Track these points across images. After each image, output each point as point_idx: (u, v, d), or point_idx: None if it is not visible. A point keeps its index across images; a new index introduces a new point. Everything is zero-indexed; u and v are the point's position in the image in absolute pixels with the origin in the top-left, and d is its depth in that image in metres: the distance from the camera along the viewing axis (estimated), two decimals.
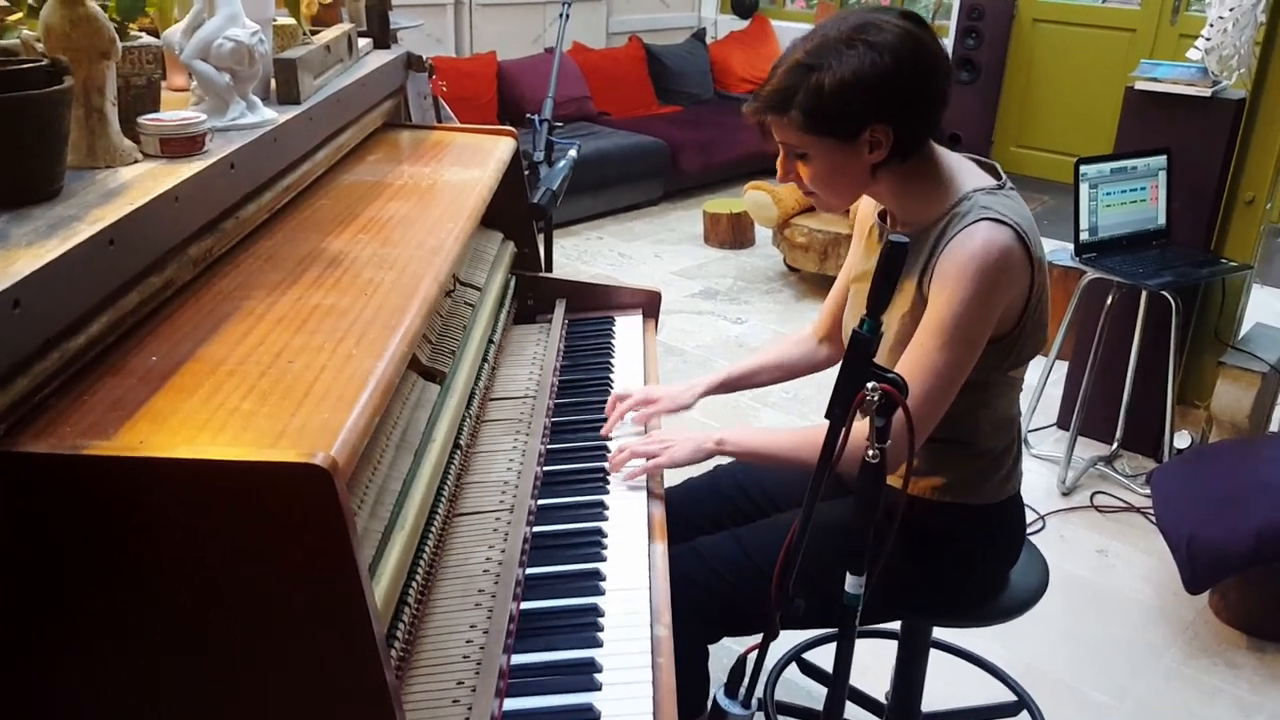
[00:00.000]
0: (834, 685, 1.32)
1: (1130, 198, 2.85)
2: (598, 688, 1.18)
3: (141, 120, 1.26)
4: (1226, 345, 2.90)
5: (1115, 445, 3.12)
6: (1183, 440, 3.02)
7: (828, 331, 1.79)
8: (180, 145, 1.25)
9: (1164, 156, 2.84)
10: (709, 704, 1.44)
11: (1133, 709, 2.18)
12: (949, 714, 1.97)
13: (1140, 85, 2.89)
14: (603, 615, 1.30)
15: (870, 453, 1.15)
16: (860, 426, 1.23)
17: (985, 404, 1.48)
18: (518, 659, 1.23)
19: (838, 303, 1.74)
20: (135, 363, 1.04)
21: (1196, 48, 2.72)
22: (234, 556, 0.89)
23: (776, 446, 1.52)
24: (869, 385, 1.13)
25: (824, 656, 2.12)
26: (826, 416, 1.20)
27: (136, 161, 1.22)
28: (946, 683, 1.79)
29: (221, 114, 1.38)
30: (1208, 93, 2.78)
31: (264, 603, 0.91)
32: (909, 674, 1.80)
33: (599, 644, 1.25)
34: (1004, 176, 1.48)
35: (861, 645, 1.52)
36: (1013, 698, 1.99)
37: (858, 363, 1.15)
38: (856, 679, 2.09)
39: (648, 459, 1.55)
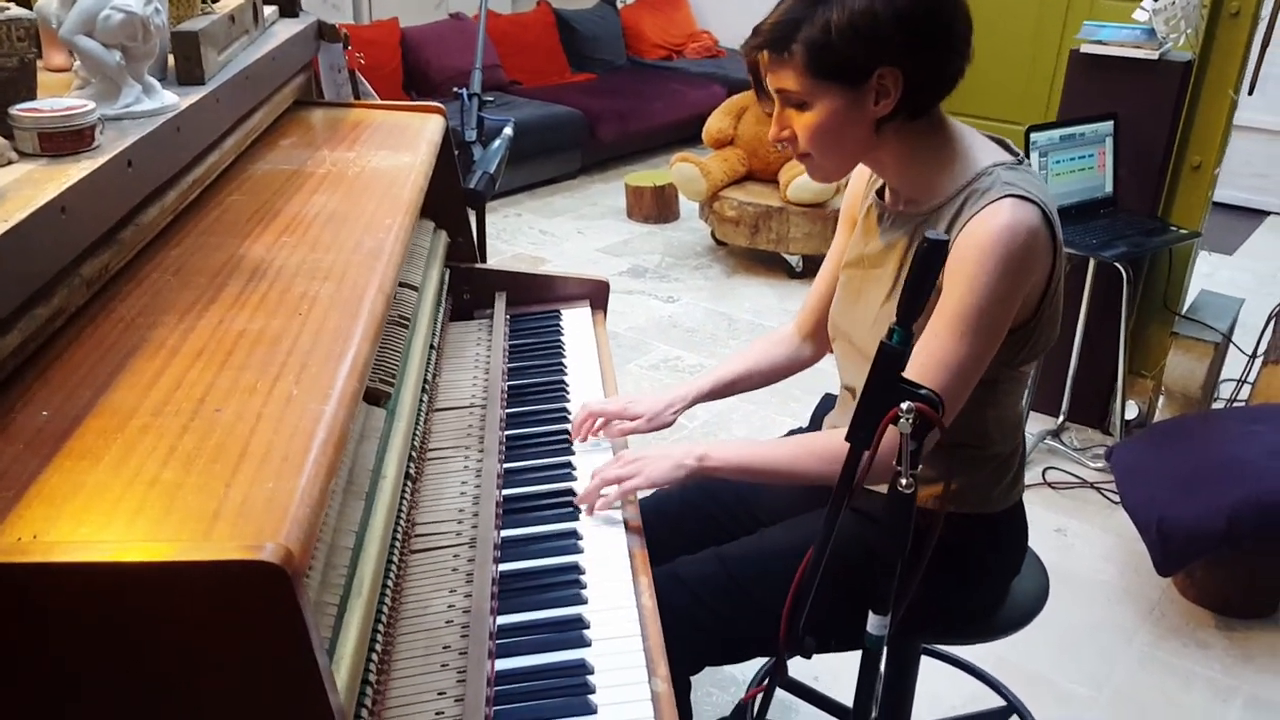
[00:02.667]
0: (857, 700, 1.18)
1: (1078, 165, 2.78)
2: None
3: (14, 111, 1.03)
4: (1175, 314, 2.85)
5: (1062, 418, 3.07)
6: (1131, 411, 2.98)
7: (813, 327, 1.64)
8: (64, 141, 1.03)
9: (1111, 122, 2.77)
10: None
11: (1112, 699, 2.12)
12: None
13: (1086, 48, 2.80)
14: (592, 673, 1.13)
15: (903, 481, 1.01)
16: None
17: (993, 403, 1.35)
18: None
19: (823, 294, 1.59)
20: (21, 421, 0.84)
21: (1144, 9, 2.64)
22: (163, 679, 0.70)
23: (771, 461, 1.36)
24: (903, 406, 0.98)
25: (800, 667, 2.00)
26: (848, 439, 1.05)
27: (10, 163, 1.00)
28: (919, 683, 1.68)
29: (113, 100, 1.16)
30: (1155, 55, 2.70)
31: None
32: (898, 688, 1.68)
33: (591, 710, 1.08)
34: (1019, 152, 1.34)
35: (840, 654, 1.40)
36: (999, 701, 1.90)
37: (886, 378, 1.00)
38: (832, 687, 1.99)
39: (619, 482, 1.38)
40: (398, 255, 1.26)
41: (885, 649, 1.14)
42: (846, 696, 1.92)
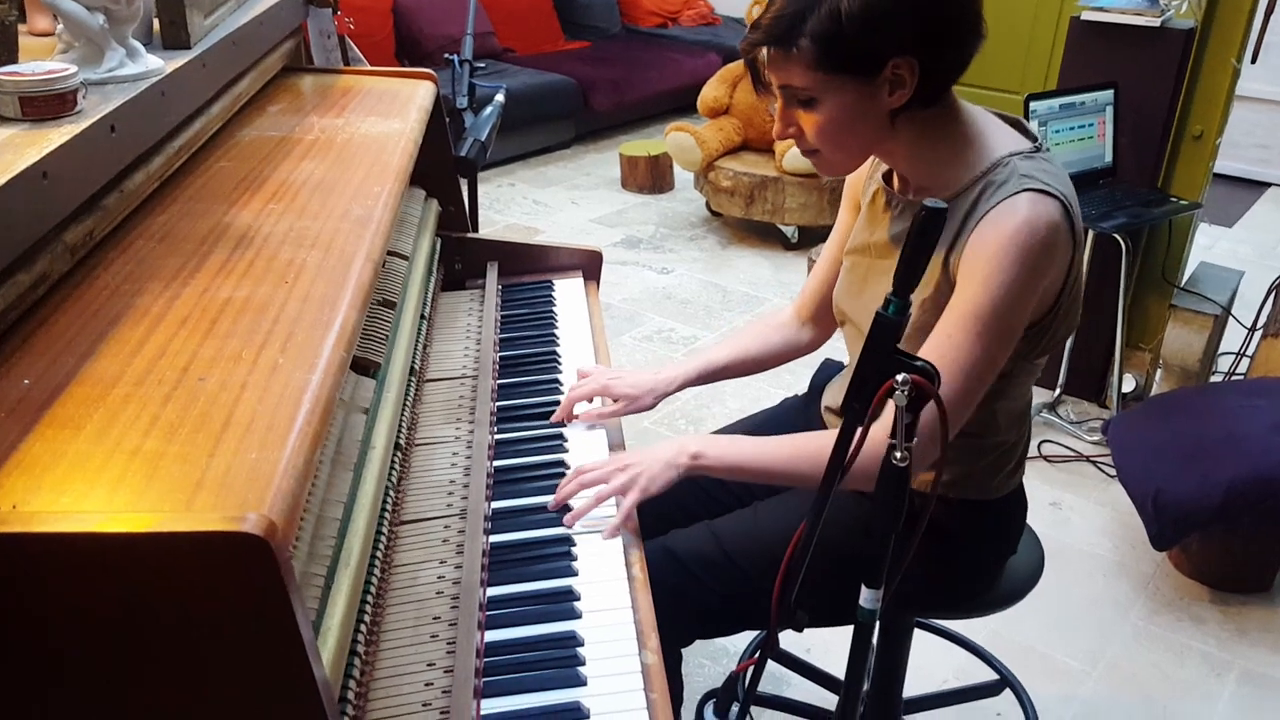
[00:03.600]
0: (846, 700, 1.18)
1: (1078, 135, 2.75)
2: None
3: None
4: (1174, 287, 2.84)
5: (1058, 391, 3.06)
6: (1128, 384, 2.97)
7: (813, 312, 1.58)
8: (46, 105, 1.01)
9: (1111, 91, 2.74)
10: (700, 716, 1.29)
11: (1106, 673, 2.12)
12: (931, 698, 1.87)
13: (1086, 15, 2.77)
14: (582, 645, 1.13)
15: (898, 454, 0.99)
16: (874, 428, 1.07)
17: (1004, 394, 1.32)
18: (489, 705, 1.05)
19: (824, 278, 1.54)
20: (2, 390, 0.82)
21: None
22: (145, 651, 0.69)
23: (767, 461, 1.30)
24: (898, 378, 0.96)
25: (792, 639, 2.00)
26: (841, 412, 1.04)
27: None
28: (910, 655, 1.68)
29: (96, 64, 1.14)
30: (1157, 22, 2.67)
31: (189, 708, 0.71)
32: (890, 661, 1.68)
33: (581, 682, 1.08)
34: (1038, 137, 1.28)
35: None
36: (992, 675, 1.90)
37: (882, 350, 0.99)
38: (824, 659, 1.99)
39: (619, 495, 1.31)
40: (386, 223, 1.24)
41: (878, 623, 1.13)
42: (838, 668, 1.93)
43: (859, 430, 1.03)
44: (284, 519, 0.69)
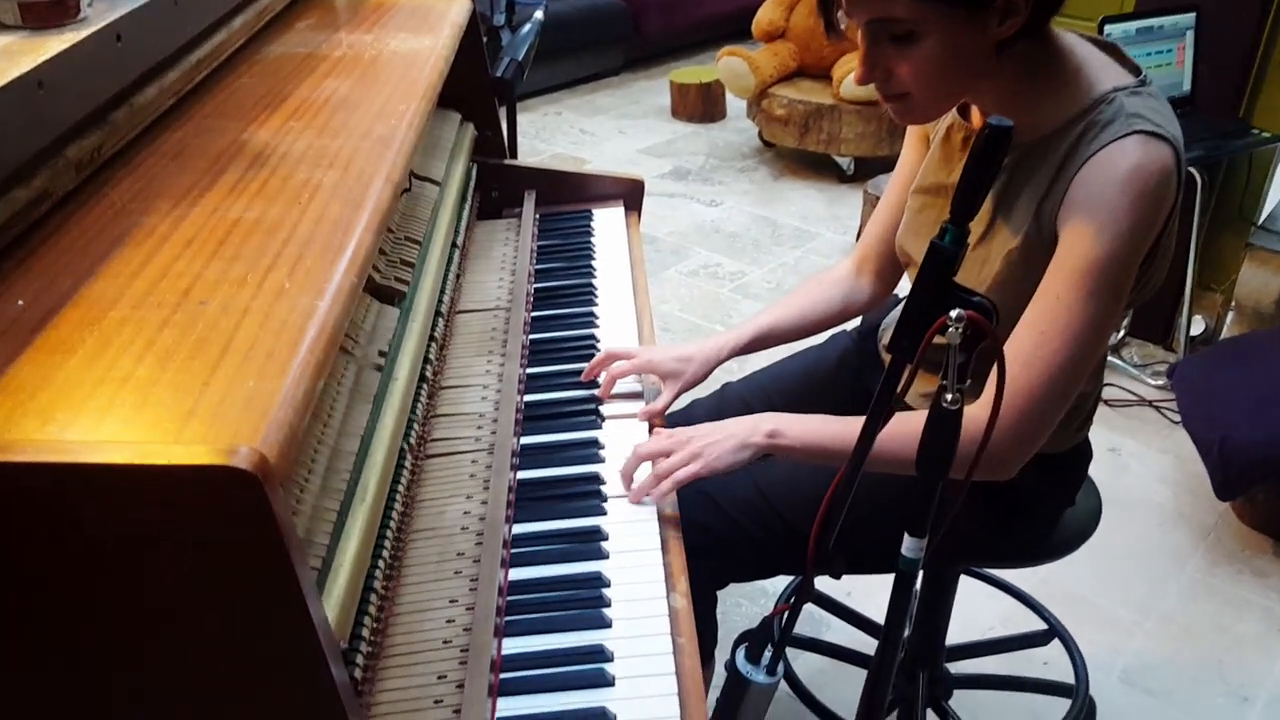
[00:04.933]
0: (884, 652, 1.12)
1: (1155, 61, 2.59)
2: (609, 682, 0.97)
3: None
4: (1251, 225, 2.69)
5: (1122, 333, 2.94)
6: (1196, 327, 2.84)
7: (875, 263, 1.46)
8: (46, 12, 0.96)
9: (1193, 14, 2.58)
10: (726, 666, 1.25)
11: (1159, 625, 2.05)
12: (974, 646, 1.82)
13: None
14: (608, 586, 1.08)
15: (949, 397, 0.92)
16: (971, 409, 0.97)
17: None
18: (511, 645, 1.01)
19: (887, 225, 1.42)
20: None
21: None
22: (129, 590, 0.65)
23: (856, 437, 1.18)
24: (952, 314, 0.89)
25: (832, 582, 1.95)
26: (889, 349, 0.97)
27: None
28: (957, 603, 1.63)
29: None
30: None
31: (176, 654, 0.67)
32: (934, 609, 1.62)
33: (606, 624, 1.03)
34: (1141, 68, 1.15)
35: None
36: (1040, 625, 1.83)
37: (935, 282, 0.91)
38: (864, 603, 1.94)
39: (679, 469, 1.18)
40: (410, 143, 1.17)
41: (921, 572, 1.07)
42: (879, 613, 1.87)
43: (907, 370, 0.96)
44: (279, 453, 0.64)
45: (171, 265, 0.85)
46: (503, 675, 0.98)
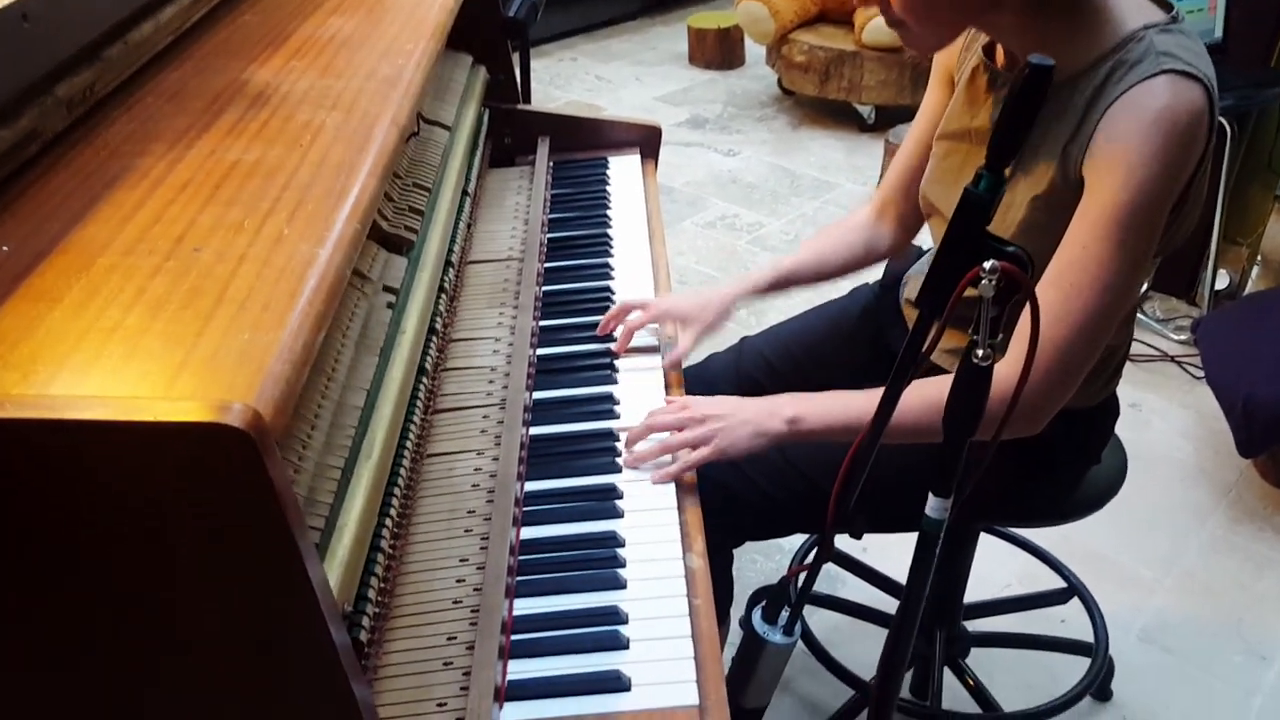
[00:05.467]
0: (904, 612, 1.09)
1: (1186, 6, 2.50)
2: (624, 644, 0.94)
3: None
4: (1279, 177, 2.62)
5: (1145, 287, 2.87)
6: (1221, 281, 2.77)
7: (897, 208, 1.42)
8: None
9: None
10: (741, 623, 1.22)
11: (1179, 583, 2.01)
12: (992, 604, 1.79)
13: None
14: (623, 546, 1.05)
15: (979, 353, 0.88)
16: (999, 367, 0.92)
17: None
18: (522, 606, 0.99)
19: (910, 167, 1.37)
20: None
21: None
22: (120, 553, 0.62)
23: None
24: (985, 265, 0.84)
25: (848, 540, 1.92)
26: (916, 304, 0.93)
27: None
28: (974, 560, 1.60)
29: None
30: None
31: (167, 620, 0.64)
32: (952, 566, 1.59)
33: (621, 584, 1.00)
34: (1173, 3, 1.09)
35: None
36: (1058, 582, 1.80)
37: (968, 232, 0.86)
38: (880, 560, 1.91)
39: (685, 448, 1.14)
40: (418, 85, 1.13)
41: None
42: (895, 570, 1.86)
43: (935, 325, 0.92)
44: (275, 409, 0.60)
45: (165, 210, 0.81)
46: (514, 636, 0.95)
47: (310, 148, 0.93)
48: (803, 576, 1.16)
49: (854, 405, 1.15)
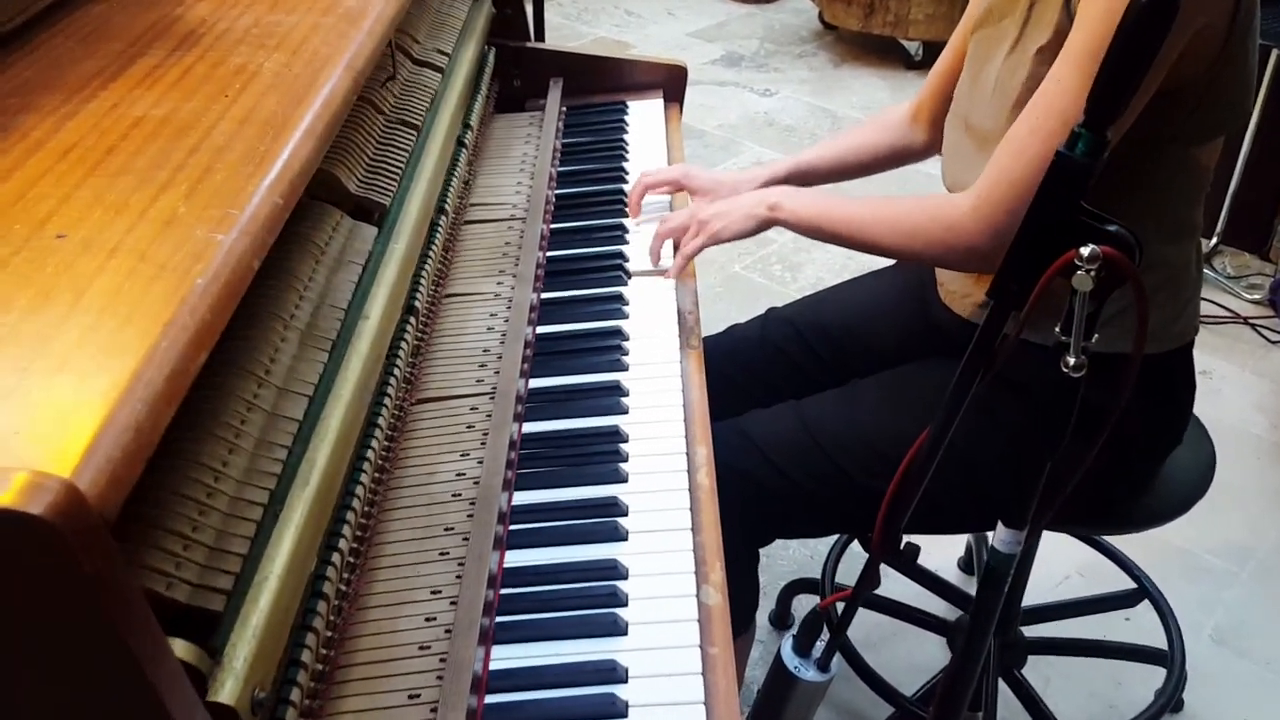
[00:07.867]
0: (966, 655, 0.92)
1: None
2: (621, 712, 0.77)
3: None
4: None
5: (1215, 240, 2.64)
6: None
7: (931, 111, 1.31)
8: None
9: None
10: (777, 657, 1.05)
11: (1257, 575, 1.83)
12: (1053, 607, 1.61)
13: None
14: (625, 577, 0.88)
15: (1071, 361, 0.69)
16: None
17: (1154, 191, 1.00)
18: (500, 656, 0.82)
19: (949, 68, 1.27)
20: None
21: None
22: None
23: (847, 221, 1.12)
24: (1083, 251, 0.65)
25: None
26: (990, 295, 0.74)
27: None
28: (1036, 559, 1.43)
29: None
30: None
31: None
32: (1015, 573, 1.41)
33: (620, 630, 0.83)
34: None
35: None
36: (1118, 572, 1.62)
37: (1060, 203, 0.68)
38: (928, 557, 1.73)
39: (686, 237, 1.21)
40: (387, 20, 0.94)
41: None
42: (937, 565, 1.68)
43: (1013, 319, 0.73)
44: (108, 480, 0.43)
45: (36, 183, 0.64)
46: (488, 698, 0.79)
47: (237, 99, 0.75)
48: (842, 606, 0.99)
49: (828, 205, 1.15)
